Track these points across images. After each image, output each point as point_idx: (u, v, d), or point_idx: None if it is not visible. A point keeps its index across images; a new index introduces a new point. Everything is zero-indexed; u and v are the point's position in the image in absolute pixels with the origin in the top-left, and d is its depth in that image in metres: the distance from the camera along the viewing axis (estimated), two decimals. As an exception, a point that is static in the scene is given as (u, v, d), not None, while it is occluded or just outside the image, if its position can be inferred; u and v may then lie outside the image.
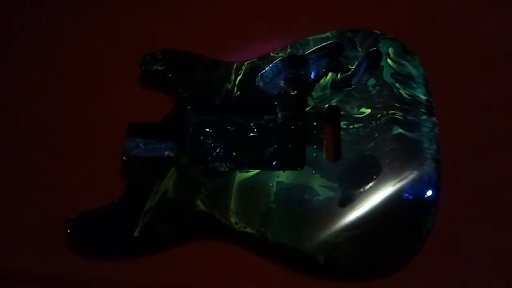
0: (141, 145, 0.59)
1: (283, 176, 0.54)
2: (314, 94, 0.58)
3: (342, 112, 0.57)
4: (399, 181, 0.52)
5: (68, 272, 0.55)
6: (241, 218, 0.53)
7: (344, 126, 0.56)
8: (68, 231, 0.54)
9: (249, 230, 0.52)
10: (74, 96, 0.66)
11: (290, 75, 0.62)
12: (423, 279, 0.52)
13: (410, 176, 0.52)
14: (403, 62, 0.58)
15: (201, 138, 0.59)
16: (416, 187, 0.52)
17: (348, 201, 0.52)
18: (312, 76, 0.61)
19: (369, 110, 0.56)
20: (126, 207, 0.55)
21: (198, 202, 0.54)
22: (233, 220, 0.53)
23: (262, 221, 0.52)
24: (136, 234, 0.53)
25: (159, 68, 0.62)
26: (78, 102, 0.66)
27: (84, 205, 0.55)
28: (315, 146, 0.55)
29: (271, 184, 0.54)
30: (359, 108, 0.57)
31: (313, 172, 0.54)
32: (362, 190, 0.52)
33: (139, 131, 0.59)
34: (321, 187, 0.53)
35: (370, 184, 0.53)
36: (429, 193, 0.52)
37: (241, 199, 0.53)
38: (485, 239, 0.54)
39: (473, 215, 0.55)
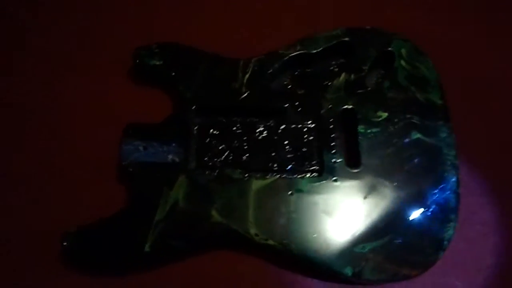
0: (140, 148, 0.53)
1: (302, 184, 0.51)
2: (328, 95, 0.55)
3: (358, 116, 0.54)
4: (420, 189, 0.51)
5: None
6: (261, 229, 0.49)
7: (362, 130, 0.54)
8: (65, 244, 0.48)
9: (271, 242, 0.49)
10: (63, 94, 0.59)
11: (297, 74, 0.58)
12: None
13: (431, 184, 0.52)
14: (417, 64, 0.57)
15: (207, 141, 0.55)
16: (437, 194, 0.51)
17: (371, 210, 0.51)
18: (322, 76, 0.57)
19: (386, 114, 0.54)
20: (133, 219, 0.50)
21: (213, 212, 0.50)
22: (252, 231, 0.49)
23: (283, 233, 0.49)
24: (147, 249, 0.48)
25: (157, 63, 0.56)
26: (68, 100, 0.59)
27: (79, 215, 0.50)
28: (333, 151, 0.53)
29: (290, 192, 0.51)
30: (376, 111, 0.54)
31: (334, 179, 0.52)
32: (384, 198, 0.51)
33: (137, 132, 0.54)
34: (343, 196, 0.51)
35: (392, 192, 0.51)
36: (451, 200, 0.51)
37: (260, 209, 0.50)
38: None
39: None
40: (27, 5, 0.64)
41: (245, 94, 0.55)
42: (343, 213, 0.50)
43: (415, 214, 0.51)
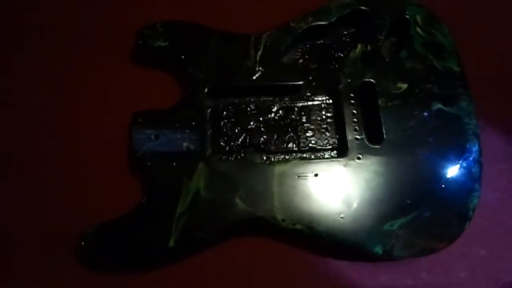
0: (152, 137, 0.51)
1: (325, 164, 0.50)
2: (345, 69, 0.53)
3: (377, 89, 0.52)
4: (444, 160, 0.50)
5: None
6: (288, 214, 0.48)
7: (382, 104, 0.52)
8: (84, 245, 0.46)
9: (298, 227, 0.48)
10: (63, 94, 0.56)
11: (308, 47, 0.56)
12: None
13: (455, 155, 0.51)
14: (432, 30, 0.54)
15: (221, 124, 0.52)
16: (461, 165, 0.51)
17: (396, 186, 0.49)
18: (334, 48, 0.55)
19: (405, 85, 0.52)
20: (153, 214, 0.48)
21: (237, 200, 0.48)
22: (279, 217, 0.48)
23: (310, 216, 0.48)
24: (171, 244, 0.47)
25: (162, 44, 0.53)
26: (68, 100, 0.56)
27: (79, 215, 0.50)
28: (354, 128, 0.51)
29: (314, 173, 0.50)
30: (395, 83, 0.52)
31: (357, 157, 0.50)
32: (408, 172, 0.50)
33: (147, 120, 0.51)
34: (368, 173, 0.50)
35: (416, 166, 0.50)
36: (474, 170, 0.50)
37: (284, 193, 0.49)
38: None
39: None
40: (27, 5, 0.60)
41: (259, 73, 0.53)
42: (368, 191, 0.49)
43: (441, 186, 0.50)
